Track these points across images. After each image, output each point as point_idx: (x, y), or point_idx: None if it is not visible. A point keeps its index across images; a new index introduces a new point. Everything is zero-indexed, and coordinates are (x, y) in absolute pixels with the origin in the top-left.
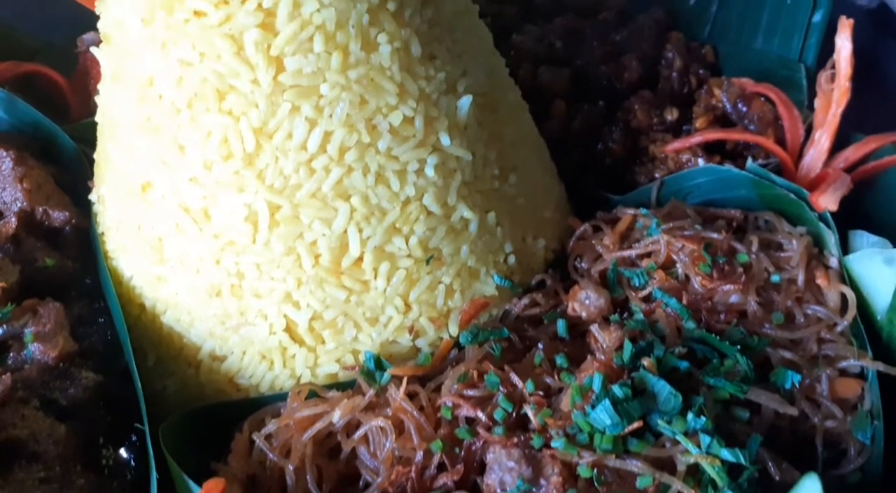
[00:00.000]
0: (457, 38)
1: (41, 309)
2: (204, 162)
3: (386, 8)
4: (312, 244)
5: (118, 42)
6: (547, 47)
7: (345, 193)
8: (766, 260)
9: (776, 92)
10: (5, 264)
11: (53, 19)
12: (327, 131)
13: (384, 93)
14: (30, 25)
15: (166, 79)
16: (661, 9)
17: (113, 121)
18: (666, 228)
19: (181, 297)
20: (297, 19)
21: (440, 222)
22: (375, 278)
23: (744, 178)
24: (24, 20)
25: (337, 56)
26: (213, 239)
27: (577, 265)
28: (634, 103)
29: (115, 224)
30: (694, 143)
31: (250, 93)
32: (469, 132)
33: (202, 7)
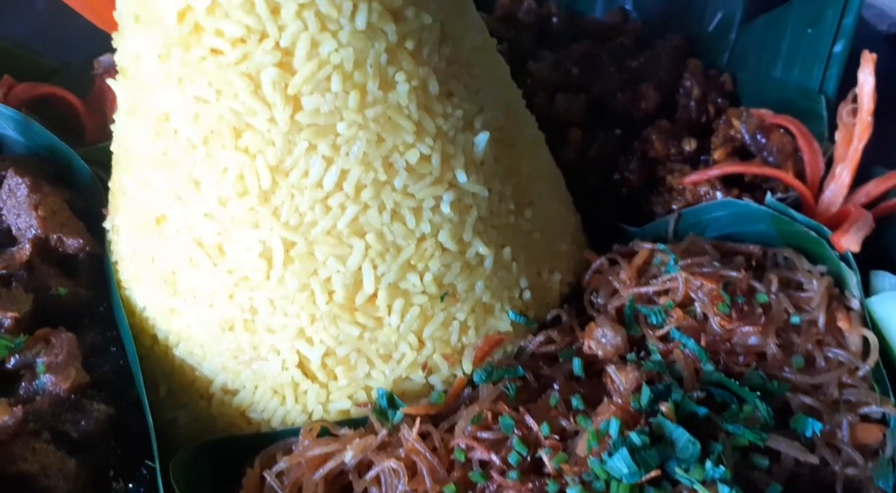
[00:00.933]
0: (474, 74)
1: (54, 339)
2: (219, 198)
3: (404, 46)
4: (327, 281)
5: (134, 76)
6: (563, 74)
7: (360, 230)
8: (785, 300)
9: (796, 124)
10: (19, 293)
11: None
12: (344, 169)
13: (401, 131)
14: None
15: (182, 115)
16: (679, 35)
17: (128, 153)
18: (684, 264)
19: (194, 330)
20: (314, 59)
21: (455, 259)
22: (389, 314)
23: (763, 213)
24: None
25: (354, 95)
26: (227, 274)
27: (593, 300)
28: (652, 133)
29: (129, 255)
30: (712, 175)
31: (267, 131)
32: (486, 168)
33: (219, 45)
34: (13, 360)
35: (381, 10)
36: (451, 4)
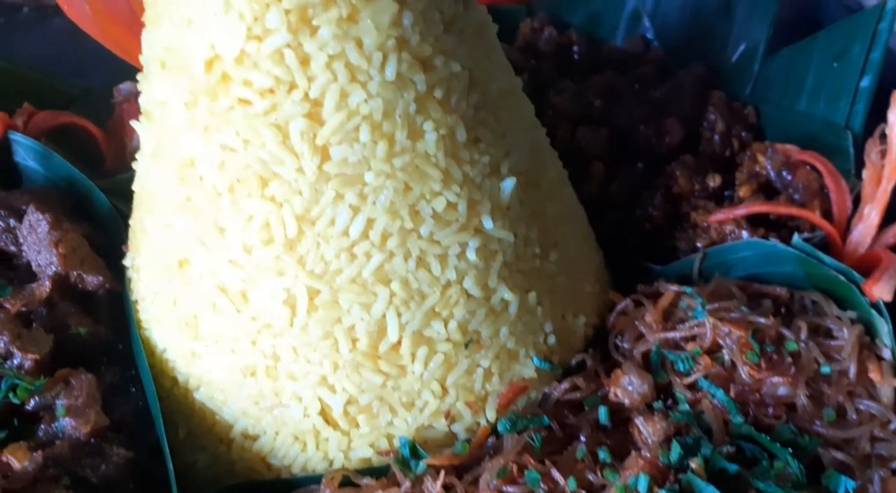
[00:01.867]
0: (501, 117)
1: (73, 380)
2: (244, 245)
3: (433, 95)
4: (350, 329)
5: (160, 120)
6: (585, 106)
7: (385, 278)
8: (815, 349)
9: (823, 162)
10: (39, 333)
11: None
12: (370, 218)
13: (428, 179)
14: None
15: (208, 162)
16: (702, 65)
17: (151, 196)
18: (711, 308)
19: (215, 374)
20: (344, 109)
21: (480, 305)
22: (413, 362)
23: (790, 254)
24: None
25: (383, 145)
26: (251, 321)
27: (619, 343)
28: (676, 169)
29: (149, 295)
30: (738, 215)
31: (294, 181)
32: (511, 212)
33: (247, 96)
34: (32, 402)
35: (411, 60)
36: (480, 50)
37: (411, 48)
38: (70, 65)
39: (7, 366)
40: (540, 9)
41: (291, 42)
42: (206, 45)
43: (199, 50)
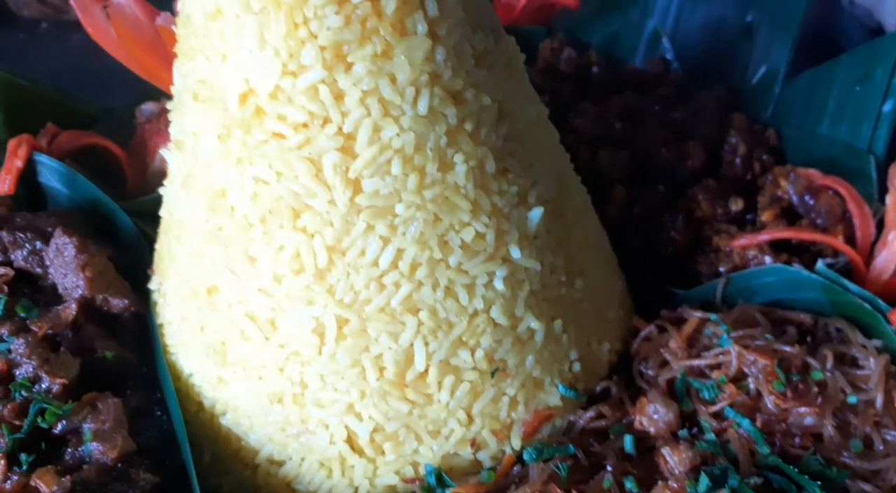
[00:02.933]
0: (528, 148)
1: (100, 404)
2: (274, 275)
3: (463, 128)
4: (378, 358)
5: (191, 150)
6: (606, 128)
7: (413, 307)
8: (841, 379)
9: (846, 187)
10: (67, 357)
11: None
12: (400, 249)
13: (458, 210)
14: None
15: (240, 193)
16: (723, 87)
17: (180, 223)
18: (736, 336)
19: (242, 400)
20: (376, 143)
21: (506, 334)
22: (439, 390)
23: (814, 281)
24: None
25: (414, 177)
26: (279, 349)
27: (643, 370)
28: (699, 193)
29: (176, 320)
30: (762, 241)
31: (326, 212)
32: (538, 241)
33: (281, 130)
34: (60, 425)
35: (443, 95)
36: (509, 82)
37: (443, 83)
38: (89, 81)
39: (35, 390)
40: (559, 29)
41: (326, 78)
42: (241, 79)
43: (233, 84)
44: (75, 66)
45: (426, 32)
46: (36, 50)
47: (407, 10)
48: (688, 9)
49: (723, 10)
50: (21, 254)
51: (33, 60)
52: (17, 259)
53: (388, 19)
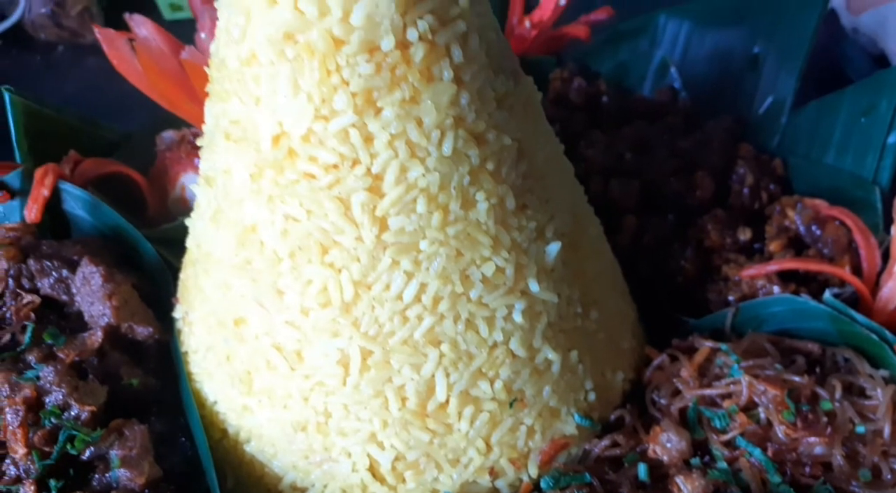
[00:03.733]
0: (546, 184)
1: (127, 431)
2: (302, 308)
3: (485, 168)
4: (400, 388)
5: (222, 187)
6: (616, 158)
7: (435, 339)
8: (850, 409)
9: (852, 217)
10: (95, 385)
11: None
12: (423, 283)
13: (479, 246)
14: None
15: (270, 229)
16: (730, 117)
17: (208, 256)
18: (746, 366)
19: (266, 428)
20: (403, 183)
21: (525, 365)
22: (459, 420)
23: (822, 311)
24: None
25: (437, 215)
26: (304, 379)
27: (655, 399)
28: (708, 223)
29: (202, 349)
30: (771, 271)
31: (353, 249)
32: (555, 274)
33: (312, 170)
34: (88, 452)
35: (466, 136)
36: (528, 121)
37: (467, 125)
38: (105, 104)
39: (65, 417)
40: (568, 59)
41: (356, 122)
42: (274, 122)
43: (266, 127)
44: (91, 89)
45: (452, 78)
46: (52, 73)
47: (434, 58)
48: (696, 40)
49: (730, 42)
50: (48, 282)
51: (50, 83)
52: (43, 287)
53: (416, 67)
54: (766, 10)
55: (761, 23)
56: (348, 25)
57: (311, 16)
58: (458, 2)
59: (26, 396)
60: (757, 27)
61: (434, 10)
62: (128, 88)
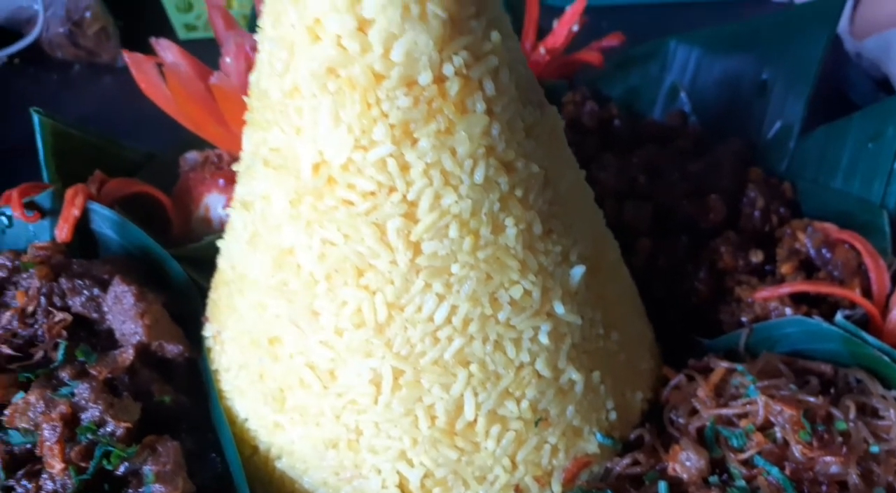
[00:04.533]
0: (569, 209)
1: (160, 447)
2: (336, 328)
3: (514, 194)
4: (430, 407)
5: (260, 212)
6: (629, 181)
7: (465, 360)
8: (864, 429)
9: (862, 241)
10: (129, 402)
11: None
12: (454, 305)
13: (508, 269)
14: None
15: (307, 253)
16: (740, 141)
17: (244, 277)
18: (762, 386)
19: (297, 445)
20: (436, 210)
21: (550, 385)
22: (486, 439)
23: (834, 333)
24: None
25: (469, 240)
26: (337, 397)
27: (673, 418)
28: (721, 245)
29: (234, 368)
30: (783, 293)
31: (388, 272)
32: (579, 297)
33: (351, 197)
34: (122, 467)
35: (497, 165)
36: (553, 150)
37: (497, 154)
38: (121, 123)
39: (100, 433)
40: (580, 83)
41: (394, 152)
42: (315, 152)
43: (307, 156)
44: (107, 108)
45: (484, 110)
46: (69, 92)
47: (468, 91)
48: (705, 65)
49: (739, 68)
50: (79, 300)
51: (67, 102)
52: (74, 305)
53: (451, 99)
54: (775, 38)
55: (769, 50)
56: (389, 61)
57: (354, 52)
58: (490, 38)
59: (62, 412)
60: (765, 54)
61: (469, 46)
62: (143, 107)
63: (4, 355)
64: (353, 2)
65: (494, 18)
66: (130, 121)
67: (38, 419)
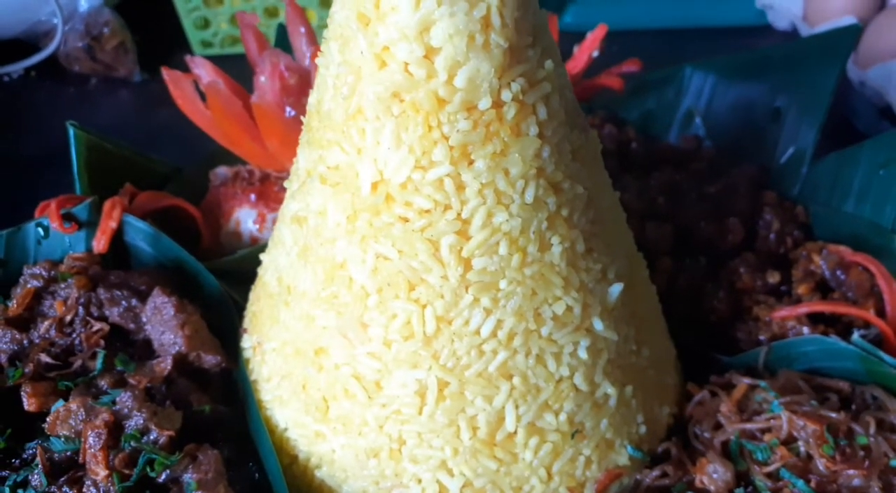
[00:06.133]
0: (608, 229)
1: (201, 456)
2: (385, 340)
3: (560, 214)
4: (473, 418)
5: (313, 227)
6: (649, 203)
7: (508, 373)
8: (884, 444)
9: (875, 264)
10: (171, 410)
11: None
12: (500, 319)
13: (552, 286)
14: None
15: (360, 267)
16: (754, 165)
17: (291, 289)
18: (785, 402)
19: (338, 454)
20: (488, 227)
21: (586, 399)
22: (525, 450)
23: (851, 352)
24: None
25: (517, 257)
26: (381, 407)
27: (697, 432)
28: (740, 266)
29: (275, 378)
30: (801, 313)
31: (439, 286)
32: (615, 314)
33: (407, 214)
34: (164, 475)
35: (546, 185)
36: (594, 172)
37: (547, 175)
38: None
39: (144, 441)
40: (598, 107)
41: (451, 172)
42: (375, 171)
43: (367, 174)
44: (124, 121)
45: (537, 133)
46: (86, 105)
47: (523, 116)
48: (720, 92)
49: (752, 95)
50: (117, 311)
51: (84, 115)
52: (111, 315)
53: (507, 123)
54: (788, 67)
55: (783, 78)
56: (452, 87)
57: (420, 78)
58: (544, 65)
59: (106, 419)
60: (778, 82)
61: (525, 73)
62: (160, 120)
63: (43, 363)
64: (423, 31)
65: (547, 47)
66: (146, 134)
67: (78, 427)
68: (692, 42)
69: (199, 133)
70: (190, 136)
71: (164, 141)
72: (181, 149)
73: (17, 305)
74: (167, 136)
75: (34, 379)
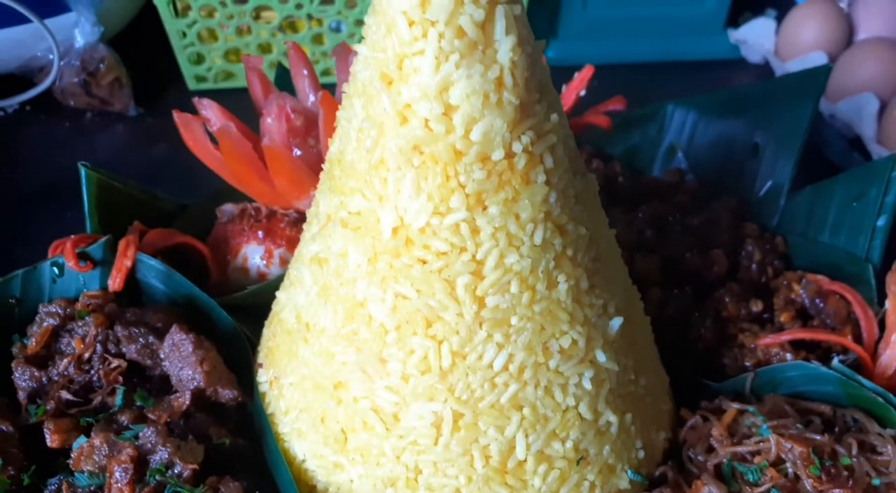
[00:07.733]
0: (607, 266)
1: (223, 488)
2: (402, 375)
3: (566, 254)
4: (485, 447)
5: (335, 268)
6: (636, 235)
7: (518, 404)
8: (866, 464)
9: (851, 292)
10: (193, 444)
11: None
12: (511, 354)
13: (559, 321)
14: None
15: (380, 306)
16: (734, 198)
17: (311, 326)
18: (772, 425)
19: (356, 484)
20: (500, 268)
21: (590, 427)
22: (534, 477)
23: (832, 376)
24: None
25: (527, 294)
26: (398, 439)
27: (691, 455)
28: (725, 296)
29: (294, 411)
30: (784, 340)
31: (454, 323)
32: (615, 345)
33: (426, 257)
34: None
35: (553, 228)
36: (594, 213)
37: (553, 218)
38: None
39: (168, 475)
40: (584, 142)
41: (467, 218)
42: (396, 217)
43: (388, 220)
44: (120, 156)
45: (544, 181)
46: (81, 139)
47: (532, 165)
48: (701, 128)
49: (732, 131)
50: (134, 347)
51: (79, 150)
52: (129, 352)
53: (518, 172)
54: (765, 105)
55: (760, 115)
56: (468, 141)
57: (439, 132)
58: (550, 119)
59: (131, 454)
60: (757, 119)
61: (533, 126)
62: (156, 154)
63: (64, 400)
64: (442, 91)
65: (552, 101)
66: (143, 168)
67: (102, 462)
68: (671, 76)
69: (196, 167)
70: (186, 170)
71: (161, 175)
72: (179, 183)
73: (35, 343)
74: (164, 170)
75: (55, 416)
